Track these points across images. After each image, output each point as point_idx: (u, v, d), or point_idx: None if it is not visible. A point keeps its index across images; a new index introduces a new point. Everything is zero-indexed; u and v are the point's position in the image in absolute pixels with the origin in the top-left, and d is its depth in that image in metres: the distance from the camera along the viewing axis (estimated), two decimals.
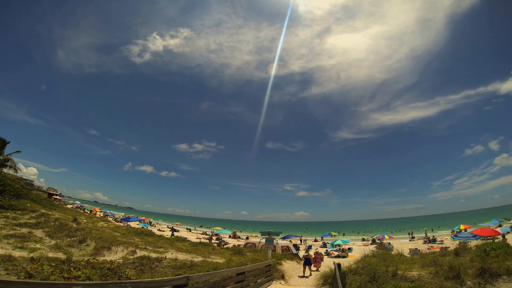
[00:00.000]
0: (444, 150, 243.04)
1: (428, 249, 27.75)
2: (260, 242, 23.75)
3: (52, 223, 17.08)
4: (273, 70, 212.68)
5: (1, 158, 36.55)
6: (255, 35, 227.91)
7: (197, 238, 41.89)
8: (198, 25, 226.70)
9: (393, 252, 19.34)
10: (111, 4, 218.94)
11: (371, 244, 41.77)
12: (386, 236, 43.65)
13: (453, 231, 46.13)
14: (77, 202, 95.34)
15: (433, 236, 43.69)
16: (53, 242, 13.15)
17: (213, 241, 37.75)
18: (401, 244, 37.22)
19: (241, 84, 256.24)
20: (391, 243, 35.22)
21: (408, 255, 19.55)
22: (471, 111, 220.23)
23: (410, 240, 45.06)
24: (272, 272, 14.13)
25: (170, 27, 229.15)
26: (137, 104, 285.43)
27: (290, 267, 17.47)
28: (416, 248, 27.87)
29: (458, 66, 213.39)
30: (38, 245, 11.85)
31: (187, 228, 73.86)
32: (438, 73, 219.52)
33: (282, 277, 15.09)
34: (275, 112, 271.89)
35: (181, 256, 14.82)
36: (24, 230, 13.80)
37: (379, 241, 40.83)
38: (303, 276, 16.12)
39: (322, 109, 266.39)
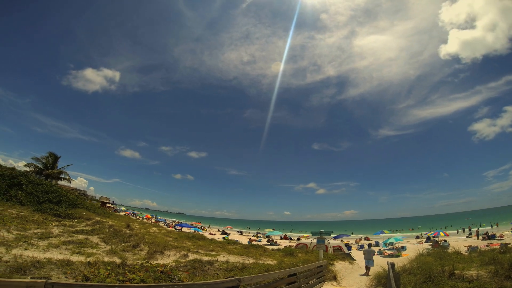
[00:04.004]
0: (495, 138, 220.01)
1: (487, 246, 26.20)
2: (311, 242, 24.37)
3: (107, 230, 18.54)
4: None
5: (55, 171, 41.30)
6: (286, 43, 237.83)
7: (249, 240, 43.02)
8: (226, 38, 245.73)
9: (449, 250, 18.64)
10: (143, 29, 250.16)
11: (425, 242, 40.84)
12: (441, 233, 43.10)
13: None
14: (123, 208, 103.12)
15: (492, 232, 41.62)
16: (108, 247, 14.26)
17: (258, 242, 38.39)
18: (458, 241, 36.54)
19: (280, 91, 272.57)
20: (446, 241, 34.79)
21: (466, 253, 18.58)
22: None
23: (467, 237, 44.01)
24: (324, 273, 14.23)
25: (199, 43, 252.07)
26: (181, 116, 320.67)
27: (342, 267, 17.33)
28: (473, 245, 26.99)
29: (493, 51, 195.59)
30: (94, 250, 12.91)
31: (238, 231, 75.83)
32: (474, 61, 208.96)
33: (334, 278, 15.08)
34: (317, 114, 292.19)
35: (233, 259, 15.12)
36: (81, 237, 15.16)
37: (434, 239, 40.14)
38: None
39: (361, 109, 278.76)
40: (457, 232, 51.30)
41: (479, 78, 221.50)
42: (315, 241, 21.38)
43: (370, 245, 21.39)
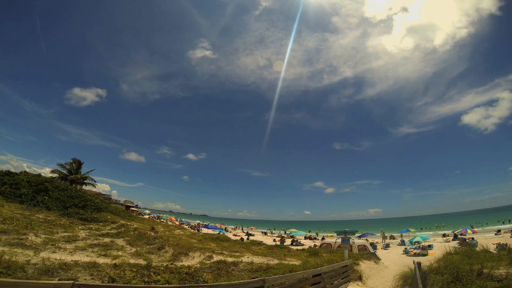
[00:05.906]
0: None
1: None
2: (336, 242, 24.49)
3: (132, 233, 19.03)
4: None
5: (79, 176, 43.00)
6: (301, 46, 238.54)
7: (273, 240, 43.06)
8: (240, 44, 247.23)
9: (477, 248, 18.39)
10: (159, 40, 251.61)
11: (453, 240, 40.01)
12: (469, 231, 42.42)
13: None
14: (147, 212, 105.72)
15: None
16: (133, 249, 14.61)
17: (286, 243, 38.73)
18: (486, 238, 35.67)
19: (298, 94, 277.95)
20: (474, 238, 34.21)
21: (495, 251, 18.29)
22: None
23: (496, 234, 42.93)
24: (349, 273, 14.20)
25: (215, 50, 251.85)
26: (201, 121, 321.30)
27: (367, 267, 17.18)
28: (502, 243, 25.99)
29: (508, 43, 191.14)
30: (120, 253, 13.26)
31: (262, 232, 75.99)
32: (489, 54, 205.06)
33: (359, 278, 15.00)
34: (336, 115, 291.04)
35: (257, 260, 15.19)
36: (107, 240, 15.63)
37: (461, 237, 39.56)
38: None
39: (380, 108, 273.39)
40: None
41: (497, 70, 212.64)
42: (339, 240, 21.37)
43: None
